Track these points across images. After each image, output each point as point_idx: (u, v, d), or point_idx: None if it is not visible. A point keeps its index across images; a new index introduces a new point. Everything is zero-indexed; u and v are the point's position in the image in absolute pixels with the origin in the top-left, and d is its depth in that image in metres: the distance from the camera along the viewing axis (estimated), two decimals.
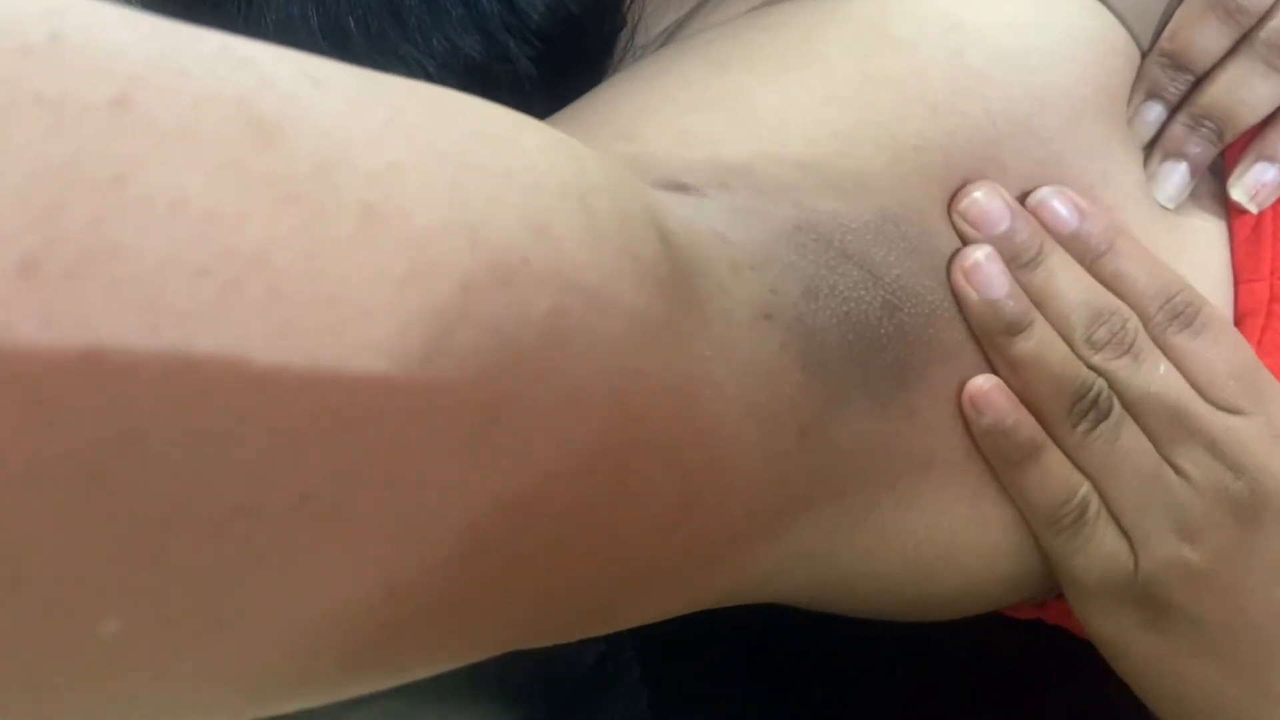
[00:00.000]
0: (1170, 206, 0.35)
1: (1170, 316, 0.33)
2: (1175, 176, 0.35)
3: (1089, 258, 0.33)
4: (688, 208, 0.28)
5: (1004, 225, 0.32)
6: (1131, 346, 0.32)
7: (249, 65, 0.17)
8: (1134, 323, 0.33)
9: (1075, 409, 0.32)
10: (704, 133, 0.31)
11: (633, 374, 0.22)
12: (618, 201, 0.23)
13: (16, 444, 0.13)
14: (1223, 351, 0.33)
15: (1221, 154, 0.36)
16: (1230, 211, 0.36)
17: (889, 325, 0.30)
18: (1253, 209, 0.35)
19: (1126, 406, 0.33)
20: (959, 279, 0.32)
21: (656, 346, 0.23)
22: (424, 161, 0.19)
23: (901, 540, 0.32)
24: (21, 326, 0.13)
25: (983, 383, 0.32)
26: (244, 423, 0.15)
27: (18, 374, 0.13)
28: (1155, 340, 0.33)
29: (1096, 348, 0.32)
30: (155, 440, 0.14)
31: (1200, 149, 0.34)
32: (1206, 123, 0.34)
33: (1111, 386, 0.33)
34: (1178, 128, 0.35)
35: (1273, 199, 0.35)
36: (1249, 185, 0.35)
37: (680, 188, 0.30)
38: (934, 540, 0.33)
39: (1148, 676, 0.34)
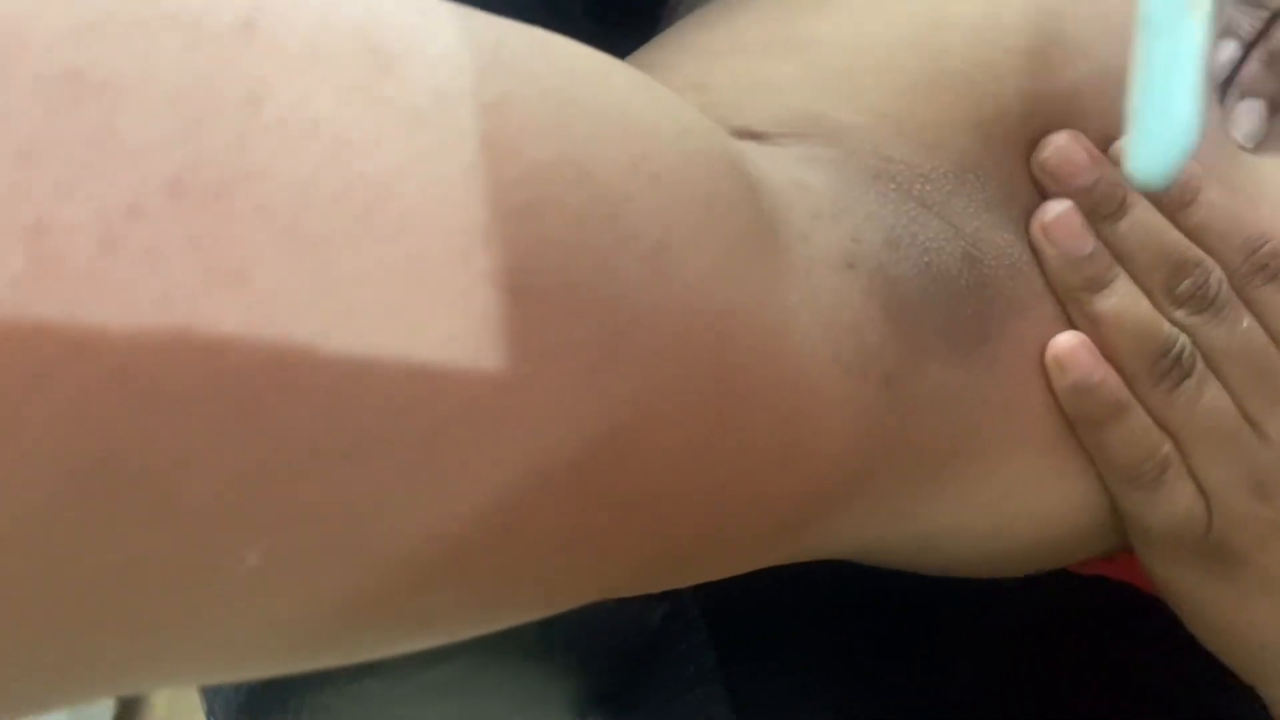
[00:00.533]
0: (1249, 146, 0.34)
1: (1256, 269, 0.32)
2: (1253, 115, 0.34)
3: (1173, 208, 0.32)
4: (764, 156, 0.28)
5: (1087, 177, 0.31)
6: (1214, 301, 0.32)
7: None
8: (1217, 275, 0.32)
9: (1158, 366, 0.32)
10: (776, 81, 0.31)
11: (730, 313, 0.22)
12: (704, 143, 0.23)
13: (172, 369, 0.13)
14: None
15: None
16: None
17: (969, 277, 0.30)
18: None
19: (1209, 362, 0.32)
20: (1038, 234, 0.31)
21: (748, 289, 0.23)
22: (531, 94, 0.18)
23: (981, 493, 0.32)
24: (171, 250, 0.13)
25: (1067, 340, 0.31)
26: (379, 351, 0.15)
27: (168, 297, 0.13)
28: (1239, 292, 0.32)
29: (1179, 303, 0.32)
30: (301, 365, 0.14)
31: (1277, 85, 0.34)
32: None
33: (1194, 342, 0.32)
34: (1255, 65, 0.34)
35: None
36: None
37: (755, 136, 0.29)
38: (1012, 493, 0.33)
39: (1209, 620, 0.34)
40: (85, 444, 0.13)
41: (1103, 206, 0.32)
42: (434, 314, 0.16)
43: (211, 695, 0.36)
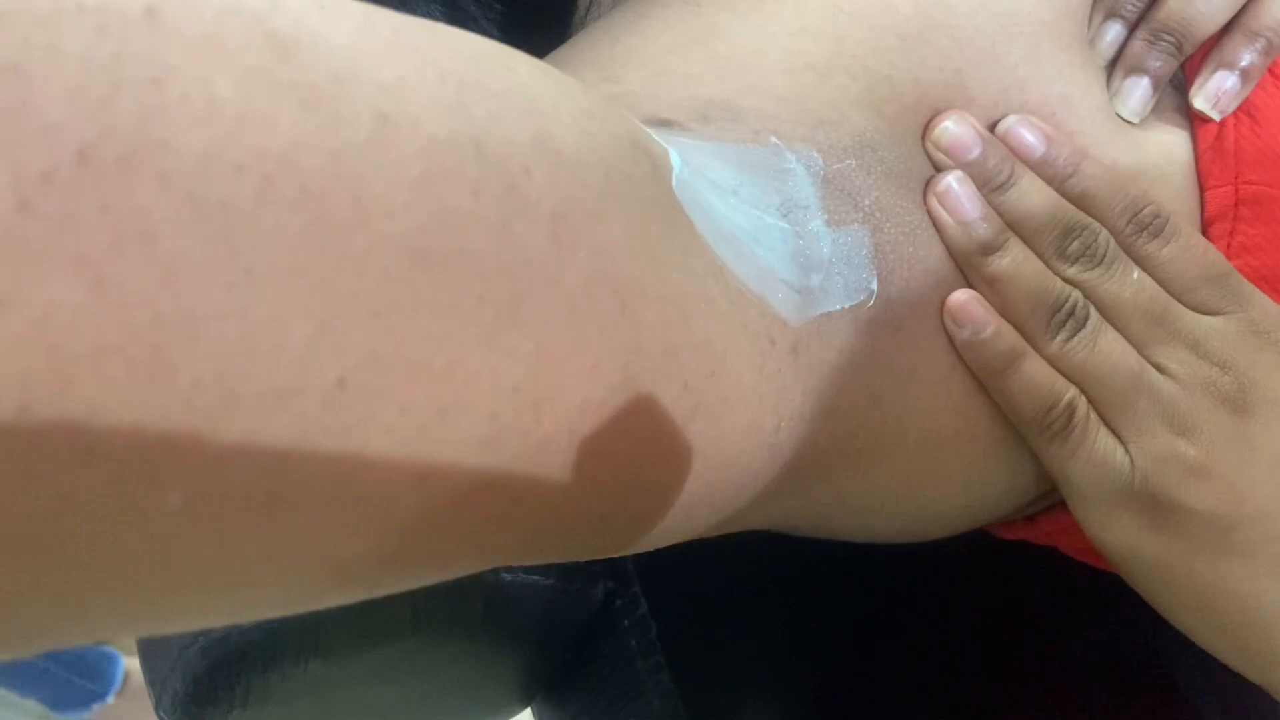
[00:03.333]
0: (1135, 121, 0.36)
1: (1139, 229, 0.34)
2: (1138, 91, 0.36)
3: (1057, 180, 0.34)
4: (670, 141, 0.29)
5: (975, 152, 0.33)
6: (1104, 257, 0.33)
7: None
8: (1104, 235, 0.34)
9: (1053, 321, 0.33)
10: (683, 70, 0.32)
11: (633, 282, 0.23)
12: (607, 125, 0.24)
13: (82, 324, 0.14)
14: (1194, 257, 0.34)
15: (1181, 68, 0.37)
16: (1193, 122, 0.37)
17: (869, 246, 0.31)
18: (1215, 116, 0.36)
19: (1104, 314, 0.34)
20: (933, 204, 0.33)
21: (653, 260, 0.24)
22: (427, 77, 0.20)
23: (893, 454, 0.33)
24: (83, 211, 0.14)
25: (960, 296, 0.33)
26: (283, 307, 0.16)
27: (81, 256, 0.14)
28: (1127, 251, 0.34)
29: (1070, 260, 0.33)
30: (206, 321, 0.15)
31: (1161, 62, 0.35)
32: (1165, 36, 0.35)
33: (1087, 296, 0.34)
34: (1138, 43, 0.36)
35: (1234, 105, 0.36)
36: (1210, 93, 0.36)
37: (662, 123, 0.31)
38: (924, 452, 0.34)
39: (1165, 584, 0.34)
40: (6, 392, 0.14)
41: (992, 179, 0.33)
42: (335, 274, 0.17)
43: (159, 688, 0.37)
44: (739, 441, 0.28)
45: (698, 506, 0.29)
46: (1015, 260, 0.33)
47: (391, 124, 0.18)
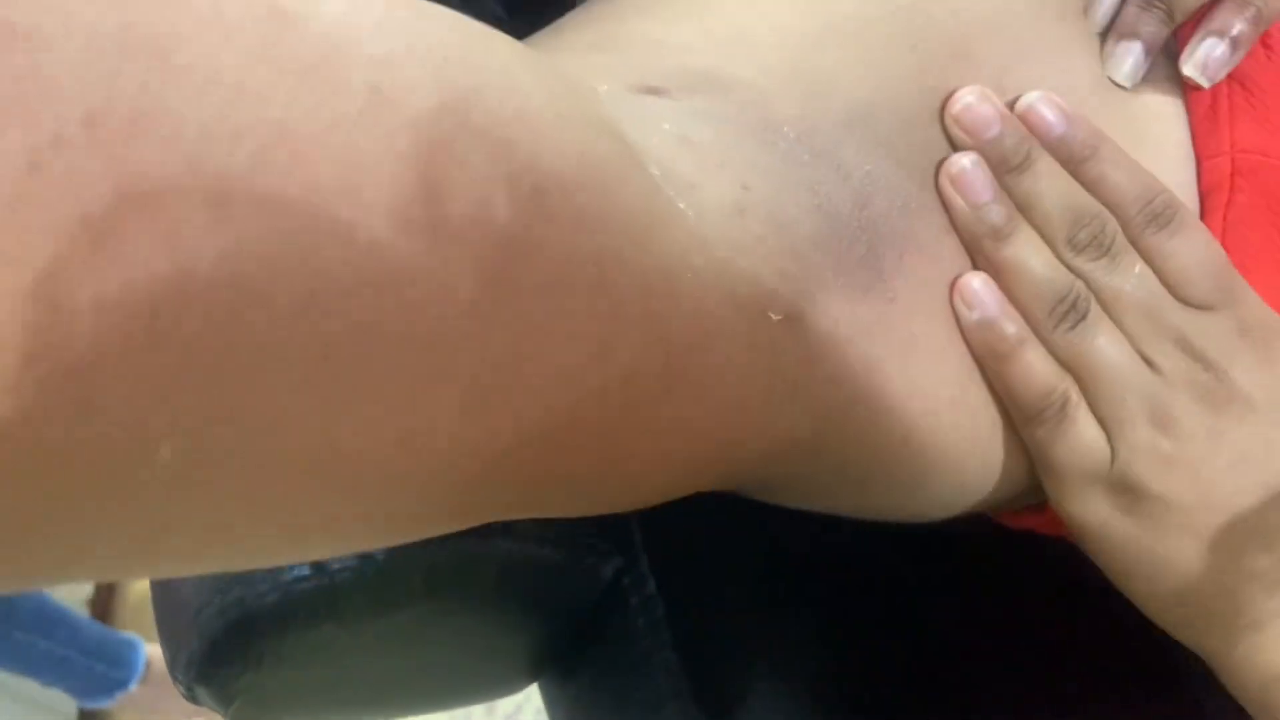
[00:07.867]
0: (1127, 85, 0.36)
1: (1149, 218, 0.34)
2: (1130, 56, 0.36)
3: (1073, 162, 0.34)
4: (653, 111, 0.30)
5: (994, 130, 0.33)
6: (1110, 248, 0.34)
7: None
8: (1113, 225, 0.34)
9: (1055, 311, 0.34)
10: (673, 42, 0.33)
11: (612, 251, 0.24)
12: (578, 106, 0.25)
13: (85, 277, 0.15)
14: (1196, 250, 0.34)
15: (1175, 39, 0.37)
16: (1187, 94, 0.37)
17: (861, 218, 0.32)
18: (1204, 83, 0.36)
19: (1104, 305, 0.34)
20: (946, 186, 0.33)
21: (633, 231, 0.24)
22: (416, 52, 0.21)
23: (891, 424, 0.34)
24: (87, 171, 0.15)
25: (974, 280, 0.34)
26: (276, 272, 0.17)
27: (85, 215, 0.15)
28: (1133, 241, 0.34)
29: (1078, 250, 0.34)
30: (203, 281, 0.16)
31: (1153, 28, 0.36)
32: (1157, 4, 0.35)
33: (1090, 286, 0.34)
34: (1130, 10, 0.36)
35: (1223, 73, 0.36)
36: (1199, 60, 0.36)
37: (651, 91, 0.31)
38: (923, 425, 0.34)
39: (1123, 558, 0.35)
40: (10, 346, 0.15)
41: (1009, 159, 0.34)
42: (325, 241, 0.18)
43: (174, 648, 0.38)
44: (724, 412, 0.28)
45: (678, 473, 0.30)
46: (1023, 249, 0.34)
47: (383, 95, 0.19)
